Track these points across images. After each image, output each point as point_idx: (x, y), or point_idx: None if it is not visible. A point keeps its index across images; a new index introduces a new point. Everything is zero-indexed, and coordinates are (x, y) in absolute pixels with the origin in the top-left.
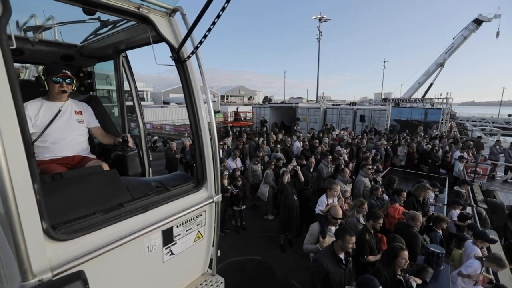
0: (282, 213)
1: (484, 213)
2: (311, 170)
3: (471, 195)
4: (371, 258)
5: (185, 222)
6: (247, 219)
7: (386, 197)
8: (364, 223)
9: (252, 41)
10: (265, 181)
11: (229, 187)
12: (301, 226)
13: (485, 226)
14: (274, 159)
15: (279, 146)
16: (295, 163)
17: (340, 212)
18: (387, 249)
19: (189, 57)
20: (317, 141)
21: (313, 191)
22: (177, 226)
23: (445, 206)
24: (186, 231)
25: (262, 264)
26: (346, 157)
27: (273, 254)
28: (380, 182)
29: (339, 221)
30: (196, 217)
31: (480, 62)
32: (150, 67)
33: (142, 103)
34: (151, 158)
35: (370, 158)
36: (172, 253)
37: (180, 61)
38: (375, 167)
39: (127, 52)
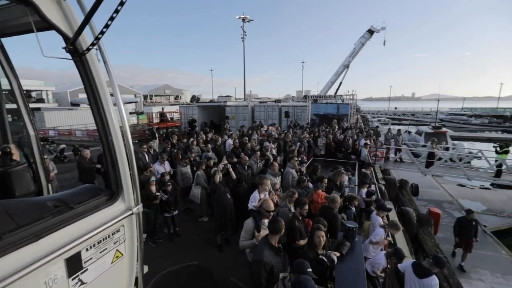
0: (216, 213)
1: (383, 188)
2: (245, 167)
3: (374, 175)
4: (302, 242)
5: (98, 243)
6: (181, 225)
7: (310, 185)
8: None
9: (176, 40)
10: (197, 183)
11: (158, 194)
12: (237, 224)
13: (384, 198)
14: (205, 159)
15: (209, 145)
16: (225, 162)
17: (272, 205)
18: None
19: (88, 49)
20: (247, 138)
21: (249, 187)
22: (87, 250)
23: (356, 186)
24: (100, 252)
25: (199, 269)
26: (274, 151)
27: (211, 255)
28: (305, 172)
29: (271, 213)
30: (113, 234)
31: (375, 64)
32: (49, 61)
33: (42, 105)
34: (55, 171)
35: (296, 151)
36: (83, 283)
37: (77, 54)
38: (299, 159)
39: (2, 40)
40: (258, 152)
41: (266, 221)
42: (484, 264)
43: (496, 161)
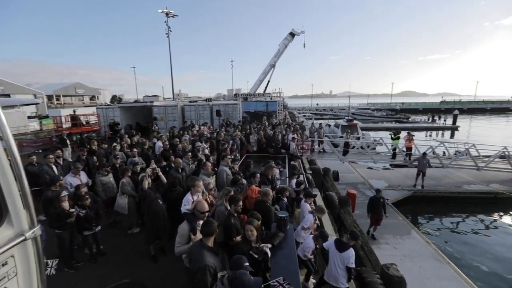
0: (148, 222)
1: (310, 177)
2: (179, 170)
3: (301, 166)
4: (238, 238)
5: None
6: (107, 241)
7: (245, 181)
8: None
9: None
10: (122, 192)
11: (72, 210)
12: (172, 230)
13: (312, 186)
14: (131, 165)
15: (135, 150)
16: (154, 166)
17: (206, 206)
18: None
19: None
20: (178, 140)
21: (184, 190)
22: None
23: (287, 178)
24: None
25: (131, 285)
26: (207, 151)
27: (144, 268)
28: (238, 169)
29: (206, 214)
30: None
31: (299, 64)
32: None
33: None
34: None
35: (229, 149)
36: None
37: None
38: (232, 156)
39: None
40: (190, 153)
41: (201, 222)
42: (388, 230)
43: (392, 146)
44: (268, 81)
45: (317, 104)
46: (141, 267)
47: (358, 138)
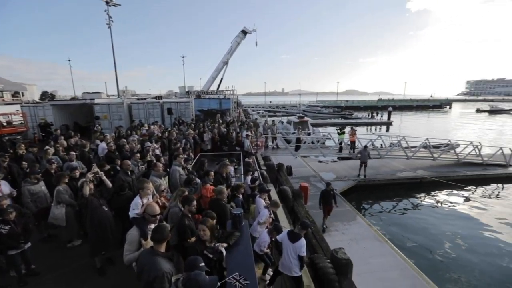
0: (91, 232)
1: (265, 173)
2: (128, 172)
3: (256, 162)
4: (193, 239)
5: None
6: (40, 259)
7: (198, 180)
8: None
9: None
10: (58, 201)
11: None
12: (121, 238)
13: (266, 182)
14: (67, 170)
15: (73, 153)
16: (95, 170)
17: (157, 208)
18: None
19: None
20: (125, 140)
21: (135, 194)
22: None
23: (242, 175)
24: None
25: None
26: (158, 151)
27: (89, 283)
28: (191, 169)
29: (157, 217)
30: None
31: (253, 62)
32: None
33: None
34: None
35: (181, 148)
36: None
37: None
38: (185, 156)
39: None
40: (138, 154)
41: (153, 226)
42: (337, 218)
43: (338, 140)
44: (221, 79)
45: (270, 102)
46: (84, 282)
47: (309, 134)
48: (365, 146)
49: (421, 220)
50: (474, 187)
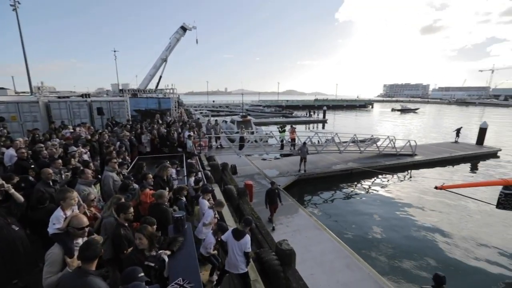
0: None
1: (209, 173)
2: (50, 183)
3: (199, 163)
4: (130, 250)
5: None
6: None
7: (136, 186)
8: None
9: None
10: None
11: None
12: (40, 259)
13: (211, 182)
14: None
15: None
16: (1, 182)
17: (85, 220)
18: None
19: None
20: (42, 145)
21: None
22: None
23: (185, 177)
24: None
25: None
26: (87, 156)
27: None
28: (127, 174)
29: (86, 230)
30: None
31: (196, 61)
32: None
33: None
34: None
35: (115, 152)
36: None
37: None
38: (119, 160)
39: None
40: (60, 161)
41: (80, 240)
42: (281, 212)
43: (280, 138)
44: (160, 77)
45: (214, 101)
46: None
47: (252, 133)
48: (304, 143)
49: (352, 205)
50: (391, 173)
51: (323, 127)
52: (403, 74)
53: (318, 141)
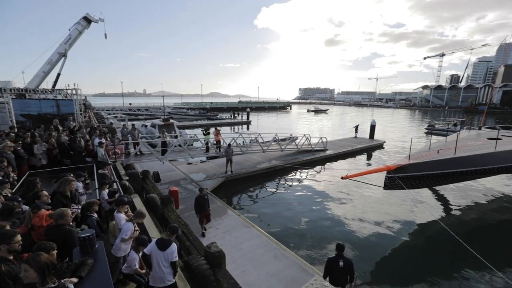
0: None
1: (127, 183)
2: None
3: (114, 173)
4: None
5: None
6: None
7: (26, 207)
8: None
9: None
10: None
11: None
12: None
13: (130, 193)
14: None
15: None
16: None
17: None
18: None
19: None
20: None
21: None
22: None
23: (97, 190)
24: None
25: None
26: None
27: None
28: (10, 194)
29: None
30: None
31: (105, 59)
32: None
33: None
34: None
35: None
36: None
37: None
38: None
39: None
40: None
41: None
42: (211, 216)
43: (204, 141)
44: (59, 74)
45: (130, 104)
46: None
47: (176, 137)
48: (229, 145)
49: (278, 200)
50: (308, 168)
51: (247, 128)
52: (315, 79)
53: (243, 142)
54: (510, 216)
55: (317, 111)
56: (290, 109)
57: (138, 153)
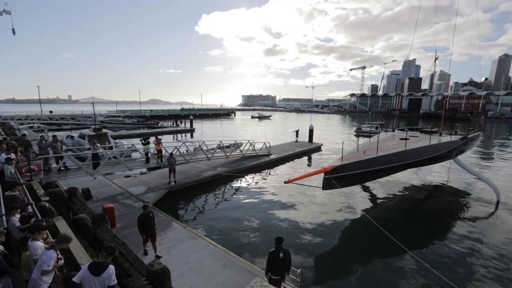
0: None
1: (47, 205)
2: None
3: (28, 193)
4: None
5: None
6: None
7: None
8: None
9: None
10: None
11: None
12: None
13: (52, 215)
14: None
15: None
16: None
17: None
18: None
19: None
20: None
21: None
22: None
23: (3, 216)
24: None
25: None
26: None
27: None
28: None
29: None
30: None
31: (18, 61)
32: None
33: None
34: None
35: None
36: None
37: None
38: None
39: None
40: None
41: None
42: None
43: (144, 151)
44: None
45: (51, 112)
46: None
47: (110, 148)
48: (171, 154)
49: (225, 207)
50: (254, 173)
51: (191, 136)
52: (257, 87)
53: (187, 151)
54: (419, 203)
55: (261, 117)
56: (234, 115)
57: (62, 168)
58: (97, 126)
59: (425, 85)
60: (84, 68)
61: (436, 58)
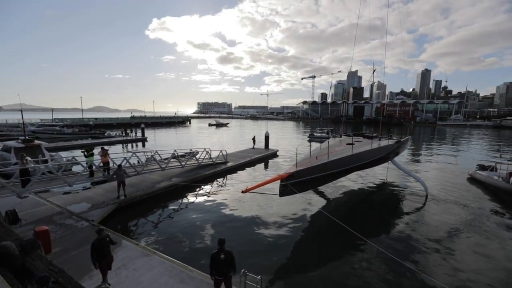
0: None
1: None
2: None
3: None
4: None
5: None
6: None
7: None
8: None
9: None
10: None
11: None
12: None
13: None
14: None
15: None
16: None
17: None
18: None
19: None
20: None
21: None
22: None
23: None
24: None
25: None
26: None
27: None
28: None
29: None
30: None
31: None
32: None
33: None
34: None
35: None
36: None
37: None
38: None
39: None
40: None
41: None
42: None
43: (87, 163)
44: None
45: None
46: None
47: (45, 161)
48: (119, 166)
49: (181, 219)
50: (211, 182)
51: (143, 146)
52: (213, 94)
53: (138, 161)
54: (365, 199)
55: (218, 125)
56: (190, 123)
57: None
58: (27, 137)
59: (366, 94)
60: (10, 71)
61: (374, 70)
